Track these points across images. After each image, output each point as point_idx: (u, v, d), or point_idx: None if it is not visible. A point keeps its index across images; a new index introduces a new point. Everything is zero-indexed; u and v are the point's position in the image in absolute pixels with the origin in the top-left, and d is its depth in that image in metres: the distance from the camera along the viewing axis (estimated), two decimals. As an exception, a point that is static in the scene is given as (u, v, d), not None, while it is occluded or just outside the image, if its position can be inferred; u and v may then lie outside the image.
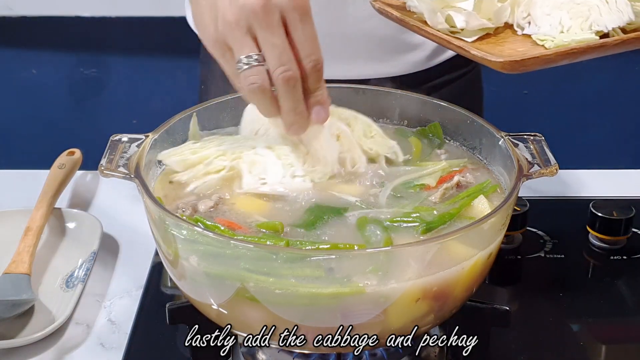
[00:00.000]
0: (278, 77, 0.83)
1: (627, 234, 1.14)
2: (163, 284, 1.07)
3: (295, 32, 0.83)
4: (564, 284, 1.08)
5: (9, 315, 0.97)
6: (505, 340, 0.97)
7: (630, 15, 0.91)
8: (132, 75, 2.52)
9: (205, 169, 0.90)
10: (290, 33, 0.83)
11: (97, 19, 2.42)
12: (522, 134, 0.93)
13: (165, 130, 0.95)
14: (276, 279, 0.75)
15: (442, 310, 0.82)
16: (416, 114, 1.03)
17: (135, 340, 0.98)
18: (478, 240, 0.81)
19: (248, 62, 0.83)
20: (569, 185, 1.29)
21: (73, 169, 1.24)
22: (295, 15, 0.83)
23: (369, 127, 0.98)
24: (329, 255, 0.77)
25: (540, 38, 0.91)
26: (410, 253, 0.78)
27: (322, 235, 0.83)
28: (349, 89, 1.05)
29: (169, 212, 0.80)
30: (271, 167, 0.89)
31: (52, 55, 2.49)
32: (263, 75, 0.83)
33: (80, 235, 1.13)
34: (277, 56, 0.82)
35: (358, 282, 0.75)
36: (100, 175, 0.87)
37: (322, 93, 0.87)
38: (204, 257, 0.78)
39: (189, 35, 1.39)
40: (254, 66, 0.83)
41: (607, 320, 1.04)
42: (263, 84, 0.83)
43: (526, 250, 1.14)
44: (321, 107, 0.87)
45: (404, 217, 0.85)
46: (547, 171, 0.87)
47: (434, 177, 0.93)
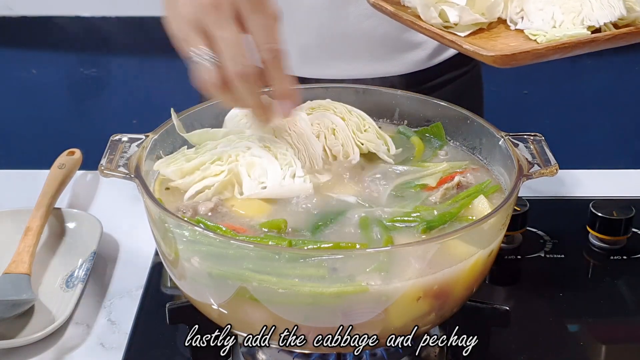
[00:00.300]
0: (229, 73, 0.82)
1: (627, 234, 1.14)
2: (163, 284, 1.07)
3: (248, 23, 0.82)
4: (564, 284, 1.08)
5: (9, 315, 0.97)
6: (505, 340, 0.97)
7: (622, 10, 0.91)
8: (132, 75, 2.52)
9: (202, 174, 0.90)
10: (245, 25, 0.82)
11: (97, 19, 2.42)
12: (522, 134, 0.93)
13: (165, 130, 0.95)
14: (279, 279, 0.75)
15: (443, 309, 0.82)
16: (416, 114, 1.03)
17: (135, 340, 0.98)
18: (478, 240, 0.81)
19: (199, 58, 0.83)
20: (569, 185, 1.29)
21: (73, 169, 1.24)
22: (247, 6, 0.82)
23: (363, 121, 0.98)
24: (332, 254, 0.77)
25: (532, 33, 0.91)
26: (412, 252, 0.78)
27: (324, 235, 0.83)
28: (350, 88, 1.05)
29: (169, 212, 0.80)
30: (270, 168, 0.89)
31: (52, 55, 2.49)
32: (211, 73, 0.83)
33: (80, 235, 1.13)
34: (227, 51, 0.82)
35: (361, 281, 0.75)
36: (100, 175, 0.87)
37: (284, 84, 0.86)
38: (206, 257, 0.78)
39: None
40: (204, 63, 0.82)
41: (607, 320, 1.04)
42: (211, 81, 0.83)
43: (526, 250, 1.14)
44: (284, 101, 0.86)
45: (404, 217, 0.85)
46: (547, 171, 0.87)
47: (434, 178, 0.93)
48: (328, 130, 0.97)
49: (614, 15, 0.90)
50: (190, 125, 0.97)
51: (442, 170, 0.95)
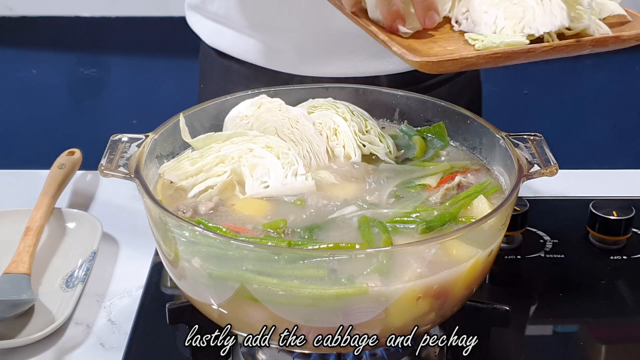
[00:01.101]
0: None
1: (627, 234, 1.14)
2: (163, 284, 1.07)
3: None
4: (564, 284, 1.08)
5: (9, 315, 0.97)
6: (505, 340, 0.97)
7: (563, 21, 0.86)
8: (132, 75, 2.52)
9: (206, 175, 0.90)
10: None
11: (97, 19, 2.42)
12: (522, 134, 0.93)
13: (165, 130, 0.95)
14: (279, 280, 0.75)
15: (443, 309, 0.82)
16: (416, 114, 1.03)
17: (135, 340, 0.98)
18: (478, 240, 0.81)
19: None
20: (569, 185, 1.29)
21: (73, 169, 1.24)
22: None
23: (365, 122, 0.98)
24: (331, 255, 0.77)
25: (472, 37, 0.87)
26: (412, 252, 0.78)
27: (324, 235, 0.83)
28: (350, 88, 1.05)
29: (169, 212, 0.80)
30: (272, 168, 0.89)
31: (52, 55, 2.50)
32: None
33: (80, 235, 1.13)
34: None
35: (361, 282, 0.75)
36: (100, 175, 0.87)
37: None
38: (206, 258, 0.78)
39: (189, 35, 1.40)
40: None
41: (607, 320, 1.04)
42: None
43: (526, 250, 1.14)
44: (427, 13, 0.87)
45: (404, 217, 0.85)
46: (547, 171, 0.87)
47: (435, 178, 0.93)
48: (330, 130, 0.97)
49: (554, 24, 0.85)
50: (191, 125, 0.97)
51: (442, 170, 0.95)
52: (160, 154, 0.94)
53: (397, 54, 0.84)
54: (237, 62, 1.31)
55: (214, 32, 1.33)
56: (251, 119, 0.97)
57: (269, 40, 1.27)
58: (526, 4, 0.87)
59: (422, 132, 1.03)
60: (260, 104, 0.98)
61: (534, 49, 0.83)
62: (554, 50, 0.84)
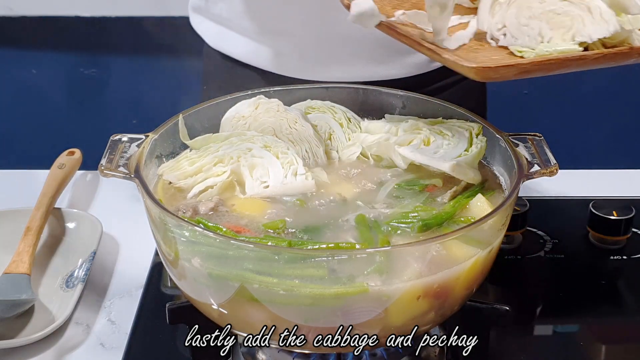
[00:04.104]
0: None
1: (627, 234, 1.14)
2: (163, 284, 1.07)
3: None
4: (564, 284, 1.08)
5: (9, 315, 0.97)
6: (505, 340, 0.97)
7: (616, 26, 0.86)
8: (132, 75, 2.52)
9: (205, 175, 0.90)
10: None
11: (97, 19, 2.42)
12: (522, 134, 0.93)
13: (165, 131, 0.95)
14: (279, 280, 0.75)
15: (443, 309, 0.82)
16: (416, 114, 1.03)
17: (135, 340, 0.98)
18: (479, 240, 0.81)
19: None
20: (569, 185, 1.29)
21: (73, 169, 1.24)
22: None
23: (360, 132, 0.99)
24: (331, 255, 0.77)
25: (518, 49, 0.87)
26: (412, 252, 0.78)
27: (324, 235, 0.83)
28: (350, 88, 1.05)
29: (169, 212, 0.80)
30: (271, 168, 0.89)
31: (52, 55, 2.50)
32: None
33: (80, 235, 1.13)
34: None
35: (361, 282, 0.75)
36: (100, 175, 0.87)
37: None
38: (206, 258, 0.78)
39: (189, 35, 1.40)
40: None
41: (607, 320, 1.04)
42: None
43: (526, 250, 1.14)
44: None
45: (404, 218, 0.85)
46: (547, 171, 0.87)
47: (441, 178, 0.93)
48: (325, 134, 0.97)
49: (609, 30, 0.85)
50: (190, 125, 0.97)
51: (443, 171, 0.95)
52: (160, 154, 0.94)
53: (449, 62, 0.84)
54: (240, 64, 1.31)
55: (217, 34, 1.32)
56: (249, 120, 0.97)
57: (272, 44, 1.27)
58: (573, 13, 0.87)
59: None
60: (257, 105, 0.98)
61: (586, 56, 0.84)
62: (604, 58, 0.85)
